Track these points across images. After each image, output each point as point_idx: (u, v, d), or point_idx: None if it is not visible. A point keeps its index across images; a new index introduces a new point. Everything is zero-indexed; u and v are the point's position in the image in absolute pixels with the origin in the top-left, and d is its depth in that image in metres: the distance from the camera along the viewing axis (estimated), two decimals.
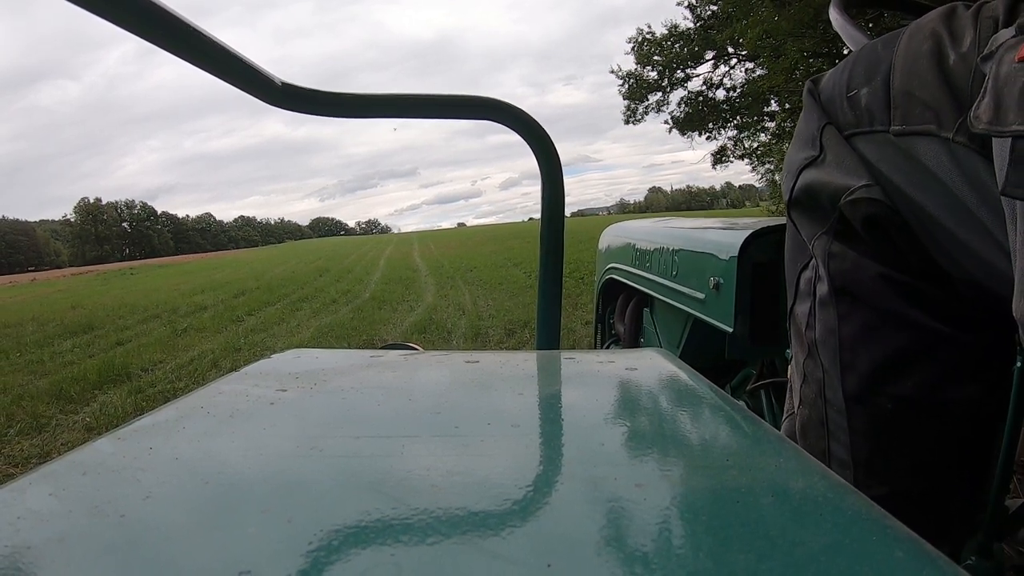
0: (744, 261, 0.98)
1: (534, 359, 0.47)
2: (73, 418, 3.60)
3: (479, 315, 5.83)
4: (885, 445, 0.50)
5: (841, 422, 0.52)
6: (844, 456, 0.52)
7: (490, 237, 27.16)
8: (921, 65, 0.44)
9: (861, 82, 0.49)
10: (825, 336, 0.52)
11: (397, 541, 0.20)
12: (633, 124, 18.13)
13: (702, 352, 1.24)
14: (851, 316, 0.50)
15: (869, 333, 0.49)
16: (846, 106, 0.50)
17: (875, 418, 0.50)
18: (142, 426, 0.32)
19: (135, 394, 3.89)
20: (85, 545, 0.20)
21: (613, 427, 0.31)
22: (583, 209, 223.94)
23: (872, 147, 0.48)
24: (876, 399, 0.50)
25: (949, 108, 0.42)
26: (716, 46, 15.07)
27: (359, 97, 0.67)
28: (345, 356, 0.49)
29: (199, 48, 0.49)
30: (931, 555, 0.19)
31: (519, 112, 0.73)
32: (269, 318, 7.01)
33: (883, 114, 0.46)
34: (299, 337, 5.62)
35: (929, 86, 0.43)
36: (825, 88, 0.53)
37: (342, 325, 5.98)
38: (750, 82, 14.88)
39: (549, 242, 0.78)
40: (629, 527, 0.20)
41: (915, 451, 0.49)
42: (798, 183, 0.54)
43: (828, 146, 0.51)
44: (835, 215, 0.50)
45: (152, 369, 4.67)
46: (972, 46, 0.41)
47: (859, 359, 0.50)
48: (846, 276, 0.50)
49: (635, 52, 16.78)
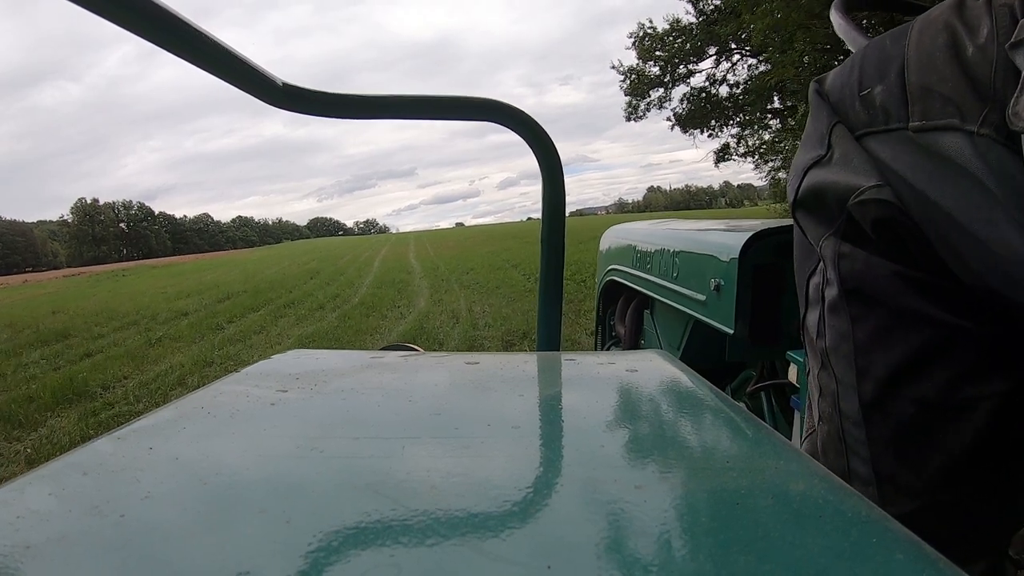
0: (745, 263, 0.97)
1: (534, 360, 0.47)
2: (15, 447, 3.23)
3: (474, 323, 5.46)
4: (910, 454, 0.47)
5: (859, 435, 0.49)
6: (865, 471, 0.49)
7: (488, 237, 26.71)
8: (938, 59, 0.43)
9: (874, 80, 0.47)
10: (837, 343, 0.50)
11: (397, 542, 0.20)
12: (635, 121, 17.87)
13: (702, 354, 1.23)
14: (864, 318, 0.48)
15: (884, 334, 0.47)
16: (859, 105, 0.48)
17: (896, 425, 0.47)
18: (142, 426, 0.32)
19: (88, 418, 3.55)
20: (85, 545, 0.20)
21: (613, 429, 0.31)
22: (582, 208, 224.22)
23: (887, 146, 0.46)
24: (896, 404, 0.47)
25: (971, 100, 0.41)
26: (720, 41, 14.74)
27: (360, 98, 0.66)
28: (345, 357, 0.48)
29: (202, 49, 0.49)
30: (931, 557, 0.19)
31: (520, 113, 0.72)
32: (250, 326, 6.65)
33: (900, 111, 0.45)
34: (277, 350, 5.23)
35: (949, 79, 0.42)
36: (833, 88, 0.51)
37: (325, 335, 5.68)
38: (754, 78, 14.57)
39: (550, 243, 0.77)
40: (629, 529, 0.20)
41: (942, 458, 0.46)
42: (804, 183, 0.52)
43: (837, 145, 0.50)
44: (843, 216, 0.49)
45: (113, 387, 4.33)
46: (991, 36, 0.40)
47: (875, 363, 0.48)
48: (858, 276, 0.48)
49: (636, 47, 16.47)
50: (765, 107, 15.08)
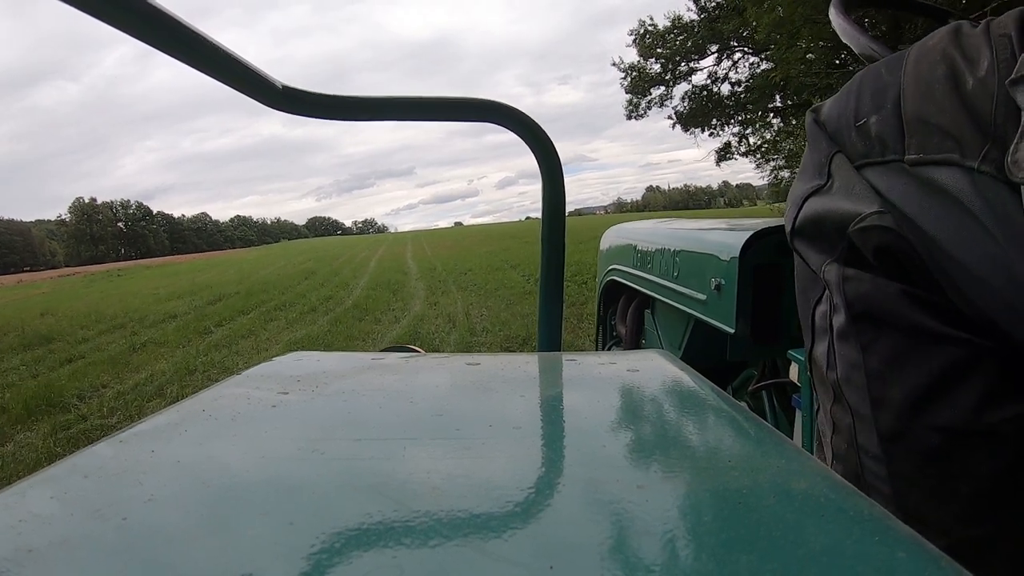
0: (745, 262, 0.97)
1: (535, 361, 0.47)
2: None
3: (471, 328, 5.23)
4: (936, 488, 0.44)
5: (879, 470, 0.46)
6: (888, 510, 0.49)
7: (486, 237, 26.38)
8: (936, 90, 0.42)
9: (869, 110, 0.46)
10: (849, 373, 0.48)
11: (399, 543, 0.20)
12: (635, 119, 17.66)
13: (703, 353, 1.22)
14: (876, 344, 0.46)
15: (900, 359, 0.45)
16: (855, 136, 0.47)
17: (920, 458, 0.44)
18: (144, 429, 0.32)
19: (58, 432, 3.33)
20: (87, 548, 0.20)
21: (615, 429, 0.31)
22: (580, 208, 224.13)
23: (884, 177, 0.45)
24: (918, 434, 0.44)
25: (971, 136, 0.39)
26: (722, 38, 14.52)
27: (360, 100, 0.66)
28: (346, 359, 0.48)
29: (202, 53, 0.49)
30: (933, 555, 0.19)
31: (518, 114, 0.72)
32: (238, 330, 6.44)
33: (896, 143, 0.44)
34: (264, 356, 5.02)
35: (947, 112, 0.41)
36: (830, 117, 0.50)
37: (315, 340, 5.49)
38: (757, 76, 14.36)
39: (550, 244, 0.77)
40: (631, 529, 0.20)
41: (971, 489, 0.43)
42: (802, 212, 0.51)
43: (837, 174, 0.48)
44: (844, 243, 0.47)
45: (89, 396, 4.12)
46: (991, 68, 0.39)
47: (891, 391, 0.45)
48: (865, 298, 0.46)
49: (637, 44, 16.25)
50: (767, 105, 14.87)
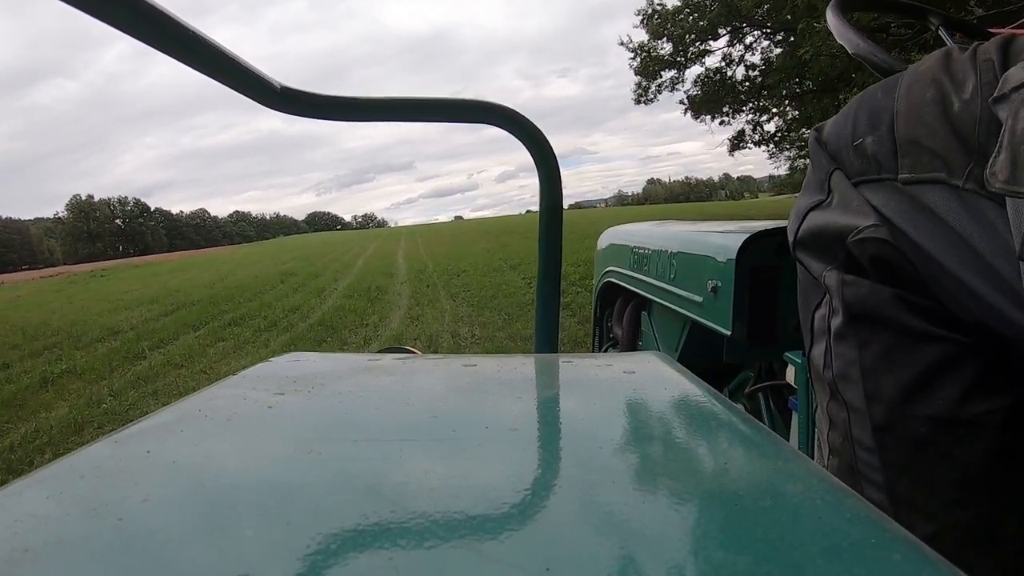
0: (742, 264, 0.97)
1: (532, 363, 0.47)
2: None
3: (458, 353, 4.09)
4: (924, 475, 0.47)
5: (872, 460, 0.49)
6: (880, 498, 0.49)
7: (485, 232, 25.18)
8: (926, 112, 0.44)
9: (866, 130, 0.49)
10: (845, 370, 0.51)
11: (395, 545, 0.20)
12: (645, 103, 16.50)
13: (700, 355, 1.23)
14: (871, 343, 0.49)
15: (891, 355, 0.48)
16: (853, 155, 0.50)
17: (909, 446, 0.47)
18: (140, 429, 0.32)
19: None
20: (83, 548, 0.20)
21: (611, 431, 0.31)
22: (580, 201, 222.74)
23: (879, 194, 0.48)
24: (907, 424, 0.47)
25: (957, 155, 0.42)
26: (740, 15, 13.29)
27: (358, 101, 0.67)
28: (343, 360, 0.48)
29: (200, 53, 0.49)
30: (930, 557, 0.19)
31: (514, 114, 0.72)
32: (174, 355, 5.41)
33: (890, 162, 0.47)
34: (174, 398, 3.92)
35: (936, 134, 0.43)
36: (831, 137, 0.53)
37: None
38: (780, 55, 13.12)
39: (547, 245, 0.77)
40: (627, 531, 0.20)
41: (957, 475, 0.46)
42: (803, 225, 0.54)
43: (836, 190, 0.51)
44: (843, 252, 0.50)
45: None
46: (975, 91, 0.42)
47: (884, 385, 0.48)
48: (862, 301, 0.49)
49: (646, 25, 15.01)
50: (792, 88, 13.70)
